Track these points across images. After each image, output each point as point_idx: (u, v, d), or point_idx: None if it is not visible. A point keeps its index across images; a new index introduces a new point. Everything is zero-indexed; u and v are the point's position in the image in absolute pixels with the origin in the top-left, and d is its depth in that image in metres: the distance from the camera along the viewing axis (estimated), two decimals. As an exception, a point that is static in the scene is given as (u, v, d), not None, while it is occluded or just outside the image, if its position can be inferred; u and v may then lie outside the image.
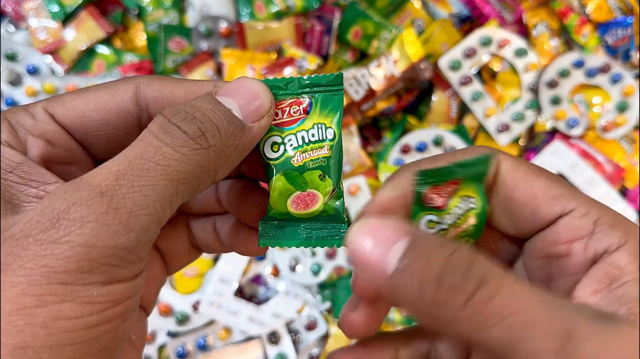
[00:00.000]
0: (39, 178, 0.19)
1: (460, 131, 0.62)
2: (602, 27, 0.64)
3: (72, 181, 0.17)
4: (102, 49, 0.63)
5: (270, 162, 0.21)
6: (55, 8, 0.62)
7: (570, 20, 0.64)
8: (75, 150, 0.21)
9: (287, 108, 0.20)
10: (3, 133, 0.19)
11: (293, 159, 0.21)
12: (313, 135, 0.20)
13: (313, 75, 0.20)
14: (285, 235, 0.21)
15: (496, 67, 0.64)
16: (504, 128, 0.63)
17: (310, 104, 0.20)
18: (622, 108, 0.63)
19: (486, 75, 0.65)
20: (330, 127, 0.20)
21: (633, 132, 0.64)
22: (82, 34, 0.62)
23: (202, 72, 0.63)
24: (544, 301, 0.15)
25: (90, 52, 0.63)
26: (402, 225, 0.17)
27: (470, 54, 0.62)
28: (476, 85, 0.63)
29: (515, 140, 0.65)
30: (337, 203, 0.21)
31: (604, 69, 0.63)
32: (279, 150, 0.21)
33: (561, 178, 0.20)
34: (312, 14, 0.63)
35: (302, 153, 0.21)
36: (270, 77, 0.21)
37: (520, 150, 0.65)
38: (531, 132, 0.65)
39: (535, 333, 0.15)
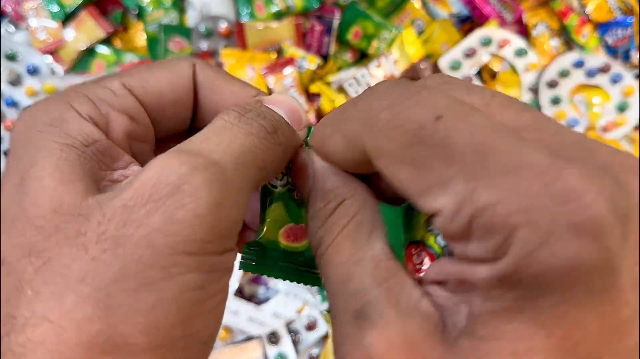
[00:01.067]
0: (116, 159, 0.18)
1: (460, 131, 0.63)
2: (602, 27, 0.64)
3: (177, 150, 0.16)
4: (102, 49, 0.63)
5: (274, 190, 0.21)
6: (55, 8, 0.62)
7: (570, 20, 0.64)
8: (149, 128, 0.20)
9: None
10: (82, 106, 0.18)
11: (295, 192, 0.21)
12: None
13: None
14: (266, 263, 0.21)
15: (496, 67, 0.64)
16: (504, 128, 0.63)
17: None
18: (622, 108, 0.63)
19: (486, 75, 0.65)
20: None
21: (633, 132, 0.64)
22: (82, 34, 0.62)
23: (202, 72, 0.63)
24: (344, 274, 0.16)
25: (90, 52, 0.63)
26: (314, 161, 0.19)
27: (470, 53, 0.62)
28: (476, 85, 0.63)
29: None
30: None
31: (604, 69, 0.63)
32: (283, 179, 0.21)
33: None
34: (312, 13, 0.63)
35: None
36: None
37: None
38: (531, 132, 0.65)
39: (334, 302, 0.16)
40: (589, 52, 0.64)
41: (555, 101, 0.63)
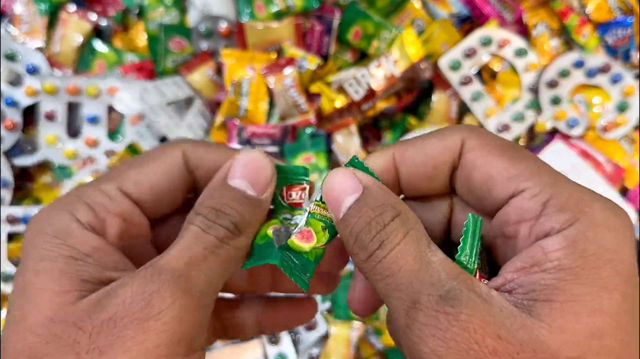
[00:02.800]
0: (112, 261, 0.21)
1: (460, 131, 0.62)
2: (602, 27, 0.64)
3: (150, 266, 0.20)
4: (103, 48, 0.63)
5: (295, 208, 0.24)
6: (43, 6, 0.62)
7: (570, 20, 0.64)
8: (143, 224, 0.23)
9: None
10: (84, 215, 0.21)
11: (311, 205, 0.23)
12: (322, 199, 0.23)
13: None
14: (267, 253, 0.22)
15: (496, 67, 0.64)
16: (504, 128, 0.63)
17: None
18: (622, 108, 0.63)
19: (486, 75, 0.65)
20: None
21: (633, 132, 0.64)
22: (70, 31, 0.63)
23: (202, 72, 0.63)
24: (416, 270, 0.18)
25: (91, 52, 0.63)
26: (360, 180, 0.21)
27: (470, 53, 0.62)
28: (476, 85, 0.63)
29: (516, 140, 0.65)
30: (317, 256, 0.23)
31: (604, 69, 0.63)
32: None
33: (530, 154, 0.20)
34: (312, 13, 0.63)
35: (316, 206, 0.22)
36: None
37: (520, 150, 0.65)
38: (531, 132, 0.65)
39: (397, 294, 0.18)
40: (589, 52, 0.64)
41: (555, 101, 0.63)
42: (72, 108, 0.61)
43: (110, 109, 0.61)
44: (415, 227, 0.19)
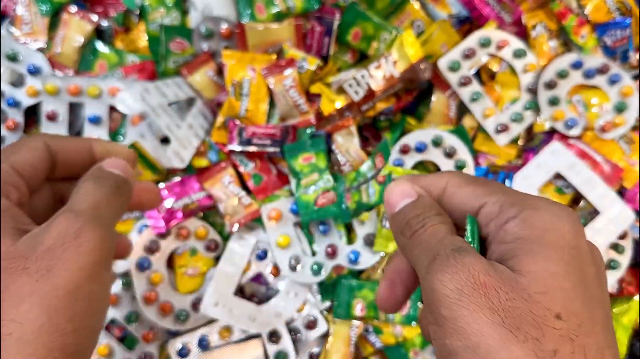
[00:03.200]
0: (22, 217, 0.29)
1: (459, 131, 0.63)
2: (601, 28, 0.64)
3: (68, 211, 0.28)
4: (104, 49, 0.64)
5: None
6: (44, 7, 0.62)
7: (568, 21, 0.64)
8: (25, 191, 0.31)
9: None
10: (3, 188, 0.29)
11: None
12: None
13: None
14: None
15: (495, 67, 0.64)
16: (503, 128, 0.63)
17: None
18: (620, 108, 0.63)
19: (485, 75, 0.66)
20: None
21: (631, 132, 0.64)
22: (71, 32, 0.63)
23: (203, 73, 0.64)
24: (442, 238, 0.26)
25: (92, 52, 0.64)
26: (417, 190, 0.29)
27: (469, 54, 0.63)
28: (475, 86, 0.63)
29: (514, 141, 0.65)
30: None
31: (603, 70, 0.63)
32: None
33: (489, 181, 0.29)
34: (312, 15, 0.63)
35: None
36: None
37: (519, 150, 0.65)
38: (530, 132, 0.66)
39: (425, 253, 0.26)
40: (588, 52, 0.65)
41: (554, 101, 0.63)
42: (74, 109, 0.62)
43: (112, 109, 0.62)
44: (448, 221, 0.28)
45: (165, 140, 0.62)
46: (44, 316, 0.25)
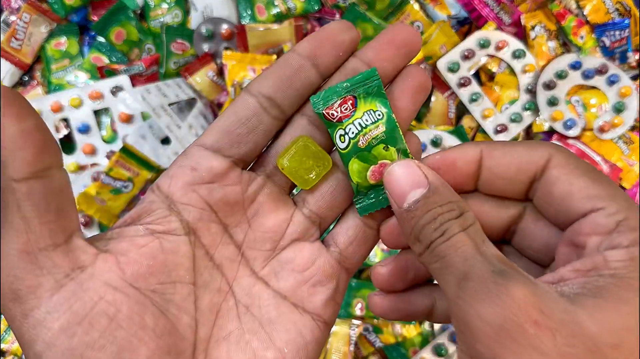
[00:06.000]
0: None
1: (458, 132, 0.63)
2: (599, 29, 0.65)
3: None
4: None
5: (343, 152, 0.25)
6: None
7: (567, 22, 0.65)
8: None
9: (338, 108, 0.25)
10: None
11: (359, 143, 0.25)
12: (367, 120, 0.25)
13: (351, 77, 0.25)
14: (375, 199, 0.25)
15: (494, 68, 0.65)
16: (502, 129, 0.64)
17: (355, 99, 0.25)
18: (619, 109, 0.64)
19: (484, 76, 0.66)
20: (377, 110, 0.25)
21: (630, 133, 0.65)
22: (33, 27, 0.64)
23: (204, 74, 0.64)
24: (471, 253, 0.20)
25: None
26: (428, 176, 0.22)
27: (468, 55, 0.63)
28: (474, 87, 0.64)
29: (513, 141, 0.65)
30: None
31: (601, 70, 0.63)
32: (345, 140, 0.25)
33: (608, 178, 0.22)
34: (312, 16, 0.63)
35: (363, 136, 0.25)
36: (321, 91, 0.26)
37: (518, 151, 0.65)
38: (529, 132, 0.66)
39: (450, 269, 0.20)
40: (586, 53, 0.65)
41: (553, 102, 0.63)
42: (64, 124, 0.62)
43: (97, 112, 0.62)
44: (474, 224, 0.21)
45: (165, 141, 0.62)
46: None
